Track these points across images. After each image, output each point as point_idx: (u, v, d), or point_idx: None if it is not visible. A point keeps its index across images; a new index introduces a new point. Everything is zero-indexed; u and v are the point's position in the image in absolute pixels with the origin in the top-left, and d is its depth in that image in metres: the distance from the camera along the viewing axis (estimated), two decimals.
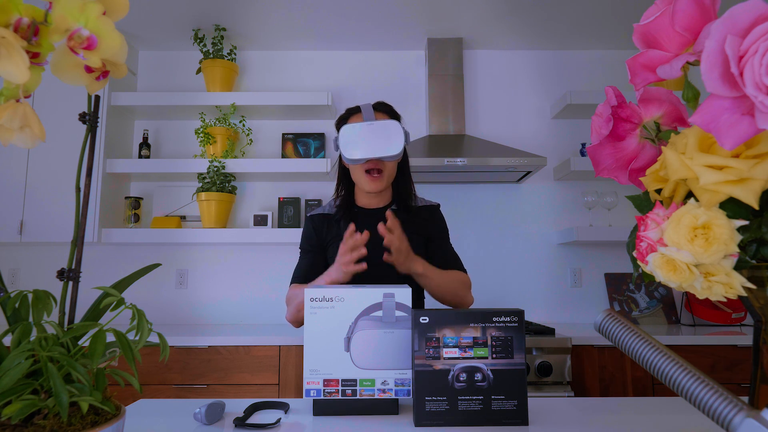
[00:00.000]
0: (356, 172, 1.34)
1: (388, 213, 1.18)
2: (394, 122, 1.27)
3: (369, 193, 1.36)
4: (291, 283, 1.41)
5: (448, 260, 1.40)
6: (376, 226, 1.36)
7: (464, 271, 1.41)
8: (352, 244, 1.15)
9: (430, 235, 1.41)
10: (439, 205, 1.47)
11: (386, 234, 1.16)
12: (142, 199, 2.70)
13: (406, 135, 1.29)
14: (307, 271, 1.39)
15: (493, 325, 0.86)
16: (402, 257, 1.19)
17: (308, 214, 1.45)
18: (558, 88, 2.90)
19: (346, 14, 2.56)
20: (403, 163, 1.42)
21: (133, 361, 0.53)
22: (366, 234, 1.16)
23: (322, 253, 1.42)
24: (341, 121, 1.38)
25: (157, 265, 0.69)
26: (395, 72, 2.92)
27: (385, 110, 1.37)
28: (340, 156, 1.38)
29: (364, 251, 1.15)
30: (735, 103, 0.46)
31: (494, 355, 0.86)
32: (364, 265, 1.15)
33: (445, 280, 1.30)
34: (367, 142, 1.27)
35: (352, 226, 1.16)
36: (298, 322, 1.33)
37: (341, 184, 1.43)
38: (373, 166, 1.31)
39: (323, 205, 1.47)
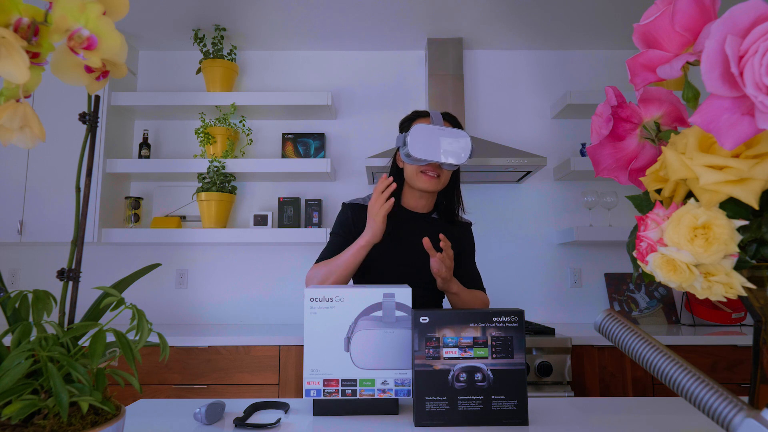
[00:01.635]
0: (413, 171, 1.36)
1: (442, 236, 1.23)
2: (465, 133, 1.31)
3: (422, 192, 1.39)
4: (315, 263, 1.38)
5: (472, 278, 1.47)
6: (417, 228, 1.41)
7: (484, 289, 1.49)
8: (382, 186, 1.22)
9: (461, 250, 1.46)
10: (471, 224, 1.53)
11: (437, 251, 1.22)
12: (142, 199, 2.70)
13: (473, 148, 1.32)
14: (336, 254, 1.37)
15: (493, 325, 0.86)
16: (448, 275, 1.26)
17: (346, 202, 1.46)
18: (558, 88, 2.90)
19: (346, 14, 2.56)
20: (455, 174, 1.46)
21: (133, 361, 0.53)
22: (388, 178, 1.23)
23: (354, 239, 1.39)
24: (408, 121, 1.42)
25: (157, 265, 0.69)
26: (395, 72, 2.92)
27: (451, 121, 1.41)
28: (396, 153, 1.43)
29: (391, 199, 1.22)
30: (735, 103, 0.46)
31: (494, 355, 0.86)
32: (392, 200, 1.22)
33: (470, 300, 1.37)
34: (437, 145, 1.29)
35: (386, 177, 1.23)
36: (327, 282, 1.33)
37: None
38: (432, 170, 1.34)
39: (363, 197, 1.48)
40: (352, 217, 1.42)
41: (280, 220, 2.67)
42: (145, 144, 2.73)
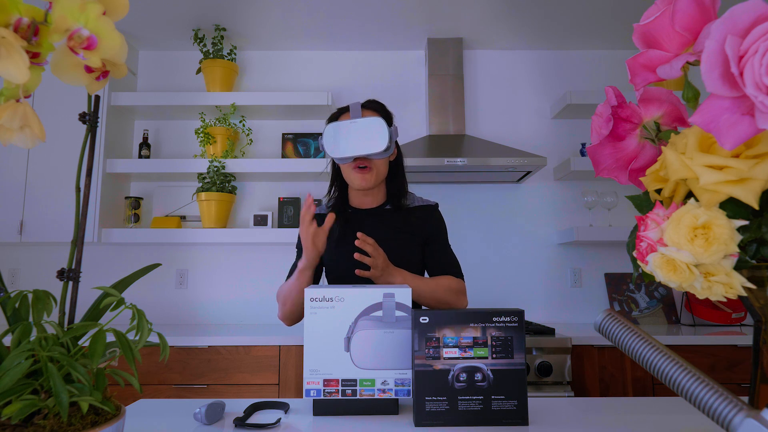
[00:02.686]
0: (346, 170, 1.33)
1: (359, 234, 1.16)
2: (377, 119, 1.25)
3: (360, 190, 1.35)
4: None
5: (444, 263, 1.38)
6: (370, 224, 1.36)
7: (459, 274, 1.38)
8: (304, 210, 1.17)
9: (427, 235, 1.38)
10: (437, 205, 1.43)
11: (362, 247, 1.15)
12: (142, 199, 2.70)
13: (394, 132, 1.28)
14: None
15: (493, 325, 0.86)
16: (378, 272, 1.18)
17: None
18: (558, 88, 2.90)
19: (346, 14, 2.56)
20: (396, 161, 1.41)
21: (133, 361, 0.53)
22: (331, 216, 1.17)
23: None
24: (331, 120, 1.37)
25: (157, 265, 0.69)
26: (395, 72, 2.92)
27: (374, 107, 1.36)
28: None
29: (313, 209, 1.17)
30: (735, 103, 0.46)
31: (494, 355, 0.86)
32: (314, 223, 1.18)
33: (428, 289, 1.28)
34: (350, 140, 1.25)
35: (308, 197, 1.17)
36: (288, 319, 1.32)
37: (334, 184, 1.43)
38: (361, 164, 1.30)
39: (321, 206, 1.46)
40: None
41: (280, 220, 2.67)
42: (145, 144, 2.73)
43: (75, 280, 0.58)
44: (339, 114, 1.37)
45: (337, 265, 1.35)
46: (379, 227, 1.36)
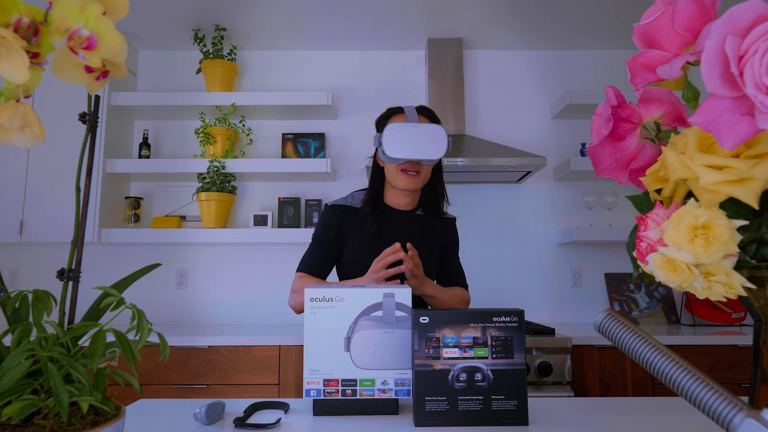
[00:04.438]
0: (392, 170, 1.35)
1: (409, 245, 1.24)
2: (439, 127, 1.30)
3: (403, 190, 1.37)
4: (298, 270, 1.40)
5: (456, 275, 1.48)
6: (402, 226, 1.40)
7: (466, 286, 1.50)
8: (389, 261, 1.20)
9: (444, 246, 1.46)
10: (455, 219, 1.52)
11: (406, 260, 1.20)
12: (142, 199, 2.70)
13: (449, 141, 1.31)
14: (320, 265, 1.40)
15: (493, 325, 0.86)
16: (418, 282, 1.26)
17: (329, 203, 1.43)
18: (558, 88, 2.90)
19: (346, 14, 2.56)
20: (437, 168, 1.44)
21: (133, 361, 0.53)
22: (397, 245, 1.22)
23: (338, 246, 1.40)
24: (383, 119, 1.40)
25: (157, 265, 0.69)
26: (395, 72, 2.92)
27: (427, 114, 1.39)
28: (376, 153, 1.41)
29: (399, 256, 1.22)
30: (735, 103, 0.46)
31: (494, 355, 0.86)
32: (395, 270, 1.22)
33: (448, 299, 1.37)
34: (411, 143, 1.28)
35: (397, 245, 1.21)
36: (301, 311, 1.35)
37: (375, 181, 1.44)
38: (411, 168, 1.33)
39: (344, 197, 1.46)
40: (336, 219, 1.40)
41: (280, 220, 2.67)
42: (145, 144, 2.73)
43: (75, 280, 0.58)
44: (390, 114, 1.40)
45: (363, 261, 1.37)
46: (408, 230, 1.41)
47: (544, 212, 2.80)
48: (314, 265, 1.39)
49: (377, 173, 1.43)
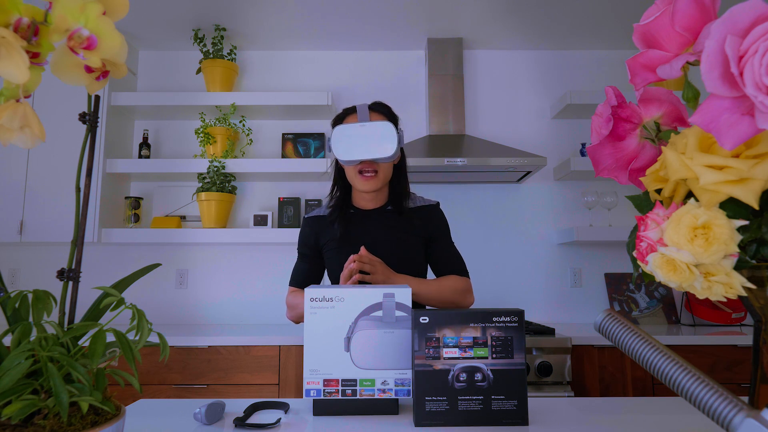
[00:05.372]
0: (350, 173, 1.33)
1: (362, 247, 1.23)
2: (387, 123, 1.27)
3: (364, 193, 1.35)
4: (290, 284, 1.43)
5: (448, 261, 1.39)
6: (371, 226, 1.37)
7: (464, 272, 1.39)
8: (347, 274, 1.20)
9: (429, 235, 1.39)
10: (438, 204, 1.44)
11: (358, 266, 1.19)
12: (142, 199, 2.70)
13: (401, 137, 1.29)
14: (307, 277, 1.42)
15: (493, 325, 0.86)
16: (380, 277, 1.22)
17: (305, 216, 1.45)
18: (558, 88, 2.90)
19: (346, 14, 2.56)
20: (399, 164, 1.41)
21: (133, 361, 0.53)
22: (362, 251, 1.21)
23: (319, 256, 1.42)
24: (337, 121, 1.37)
25: (157, 265, 0.69)
26: (395, 72, 2.92)
27: (381, 111, 1.36)
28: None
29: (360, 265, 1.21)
30: (735, 103, 0.46)
31: (494, 355, 0.86)
32: (359, 277, 1.21)
33: (433, 291, 1.31)
34: (359, 143, 1.26)
35: (354, 255, 1.20)
36: (299, 323, 1.37)
37: (337, 185, 1.42)
38: (367, 167, 1.30)
39: (321, 206, 1.46)
40: (312, 232, 1.41)
41: (280, 220, 2.67)
42: (145, 144, 2.73)
43: (75, 280, 0.58)
44: (345, 115, 1.37)
45: (339, 267, 1.35)
46: (381, 228, 1.37)
47: (544, 212, 2.80)
48: (302, 279, 1.41)
49: (339, 176, 1.42)
